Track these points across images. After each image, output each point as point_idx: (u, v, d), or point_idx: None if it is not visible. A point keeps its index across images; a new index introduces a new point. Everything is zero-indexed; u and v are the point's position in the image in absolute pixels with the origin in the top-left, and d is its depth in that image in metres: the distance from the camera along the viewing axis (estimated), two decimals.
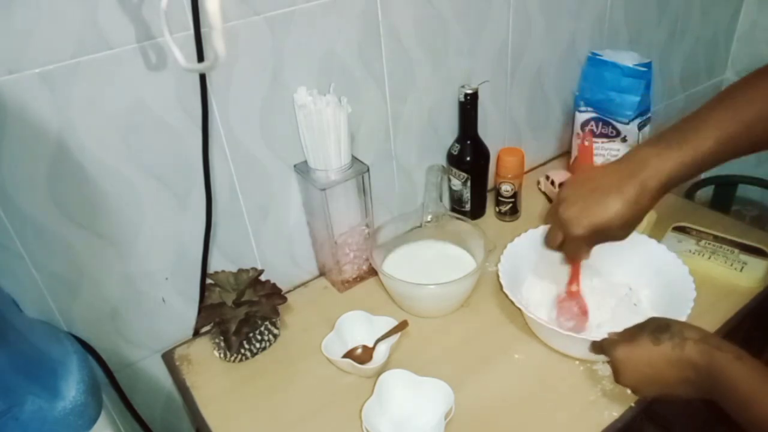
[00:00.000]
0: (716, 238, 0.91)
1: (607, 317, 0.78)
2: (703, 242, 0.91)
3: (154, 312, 0.82)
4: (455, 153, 1.00)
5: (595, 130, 1.08)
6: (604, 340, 0.68)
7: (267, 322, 0.81)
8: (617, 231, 0.67)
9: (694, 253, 0.89)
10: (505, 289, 0.76)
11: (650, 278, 0.81)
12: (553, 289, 0.83)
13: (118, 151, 0.69)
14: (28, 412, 0.52)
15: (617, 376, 0.65)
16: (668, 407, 0.65)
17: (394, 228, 0.93)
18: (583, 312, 0.78)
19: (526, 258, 0.84)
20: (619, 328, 0.68)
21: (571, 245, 0.71)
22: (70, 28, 0.61)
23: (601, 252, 0.77)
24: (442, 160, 1.02)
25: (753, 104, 0.62)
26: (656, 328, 0.63)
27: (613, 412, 0.69)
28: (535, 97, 1.12)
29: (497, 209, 1.05)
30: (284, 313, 0.87)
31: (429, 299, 0.83)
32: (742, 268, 0.85)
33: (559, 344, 0.76)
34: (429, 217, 0.94)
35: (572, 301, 0.79)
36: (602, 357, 0.71)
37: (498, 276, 0.79)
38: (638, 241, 0.82)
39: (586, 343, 0.71)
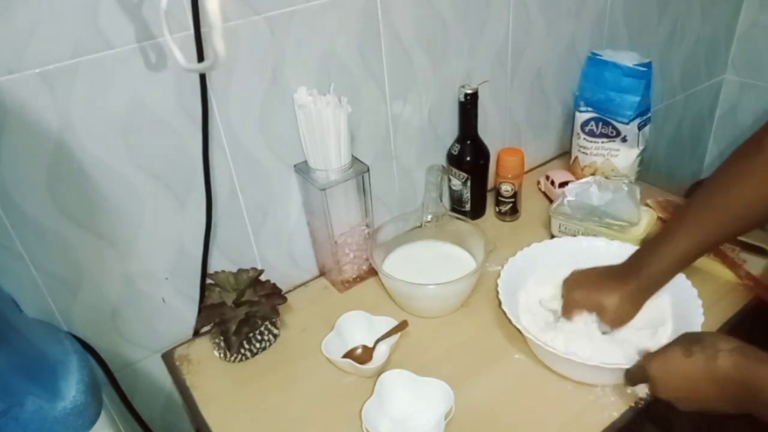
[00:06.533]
0: None
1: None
2: None
3: (154, 312, 0.82)
4: (455, 153, 1.00)
5: (595, 130, 1.08)
6: (634, 365, 0.66)
7: (267, 322, 0.81)
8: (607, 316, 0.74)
9: None
10: (504, 306, 0.76)
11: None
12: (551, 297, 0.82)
13: (118, 151, 0.69)
14: (28, 412, 0.52)
15: (654, 390, 0.64)
16: (668, 407, 0.65)
17: (394, 228, 0.93)
18: None
19: (525, 274, 0.84)
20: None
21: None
22: (70, 28, 0.61)
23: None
24: (442, 160, 1.02)
25: (730, 208, 0.68)
26: (688, 340, 0.62)
27: (613, 412, 0.69)
28: (535, 97, 1.12)
29: (497, 209, 1.05)
30: (284, 313, 0.87)
31: (429, 299, 0.83)
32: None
33: (562, 368, 0.74)
34: (429, 217, 0.94)
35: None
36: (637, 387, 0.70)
37: (497, 283, 0.80)
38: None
39: (584, 368, 0.69)
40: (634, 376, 0.67)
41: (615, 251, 0.82)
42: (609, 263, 0.78)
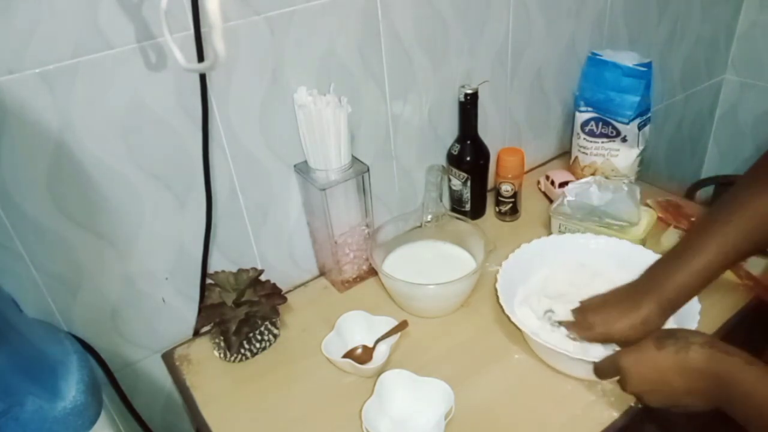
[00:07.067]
0: None
1: None
2: None
3: (154, 312, 0.82)
4: (455, 153, 1.00)
5: (595, 130, 1.08)
6: (605, 358, 0.66)
7: (267, 322, 0.81)
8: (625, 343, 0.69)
9: None
10: (503, 305, 0.75)
11: None
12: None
13: (118, 151, 0.69)
14: (28, 412, 0.52)
15: (624, 384, 0.64)
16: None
17: (394, 228, 0.93)
18: None
19: (522, 275, 0.84)
20: None
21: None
22: (70, 28, 0.61)
23: (605, 262, 0.78)
24: (442, 160, 1.02)
25: (748, 225, 0.65)
26: (661, 334, 0.63)
27: (613, 412, 0.69)
28: (535, 97, 1.12)
29: (497, 209, 1.05)
30: (284, 313, 0.87)
31: (429, 299, 0.83)
32: None
33: (560, 365, 0.75)
34: (429, 217, 0.94)
35: None
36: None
37: (497, 278, 0.79)
38: (640, 252, 0.82)
39: (582, 364, 0.69)
40: (605, 369, 0.67)
41: (612, 248, 0.82)
42: (606, 260, 0.78)
